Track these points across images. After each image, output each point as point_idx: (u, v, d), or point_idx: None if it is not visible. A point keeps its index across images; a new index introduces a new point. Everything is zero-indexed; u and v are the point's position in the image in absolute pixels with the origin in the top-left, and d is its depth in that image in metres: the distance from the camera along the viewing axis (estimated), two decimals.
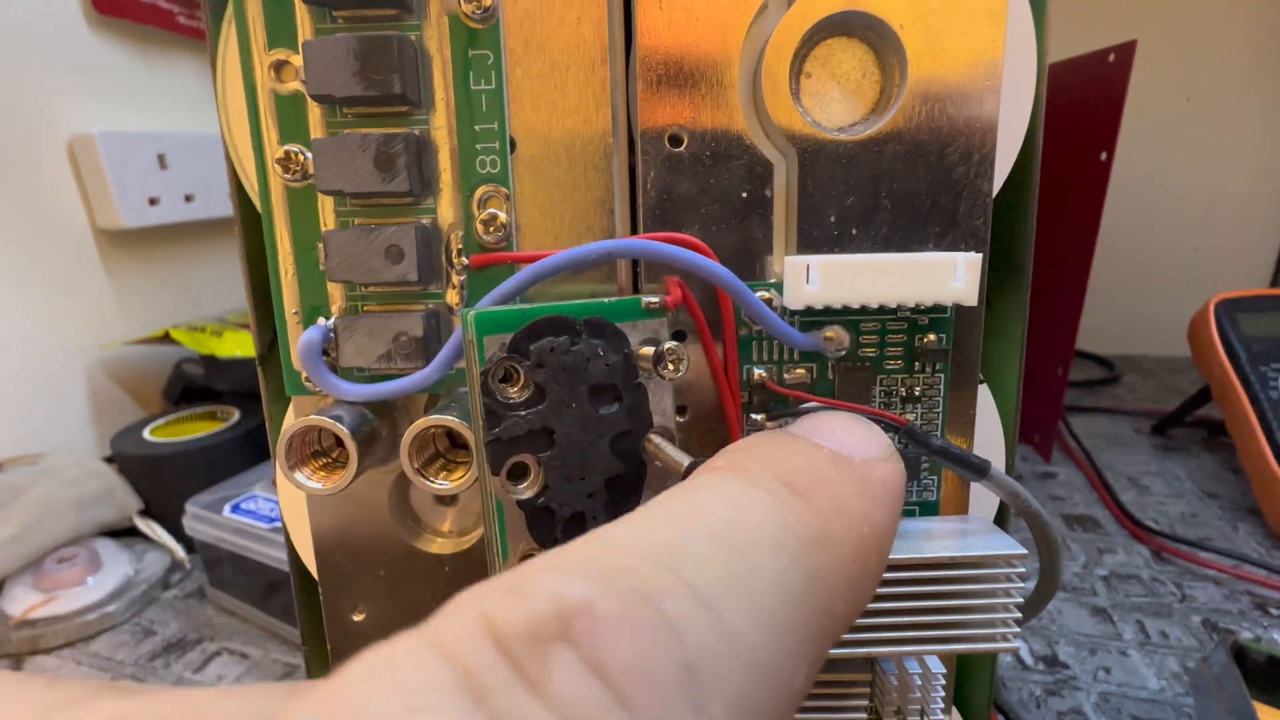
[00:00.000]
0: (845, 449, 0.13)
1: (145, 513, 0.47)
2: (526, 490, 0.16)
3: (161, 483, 0.46)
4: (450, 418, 0.17)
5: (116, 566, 0.43)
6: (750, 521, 0.11)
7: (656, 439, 0.17)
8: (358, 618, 0.22)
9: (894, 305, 0.19)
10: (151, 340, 0.53)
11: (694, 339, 0.20)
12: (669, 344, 0.17)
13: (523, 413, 0.15)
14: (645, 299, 0.17)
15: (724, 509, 0.11)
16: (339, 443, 0.18)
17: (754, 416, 0.20)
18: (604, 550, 0.10)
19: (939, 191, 0.19)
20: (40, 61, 0.50)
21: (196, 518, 0.40)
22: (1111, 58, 0.46)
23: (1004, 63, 0.18)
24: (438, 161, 0.19)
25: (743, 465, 0.13)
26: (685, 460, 0.16)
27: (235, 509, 0.39)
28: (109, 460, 0.48)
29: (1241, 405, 0.48)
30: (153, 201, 0.54)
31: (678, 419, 0.21)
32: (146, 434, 0.48)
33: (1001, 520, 0.22)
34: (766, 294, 0.20)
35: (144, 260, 0.58)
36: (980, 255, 0.18)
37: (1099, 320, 0.72)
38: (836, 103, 0.19)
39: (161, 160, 0.55)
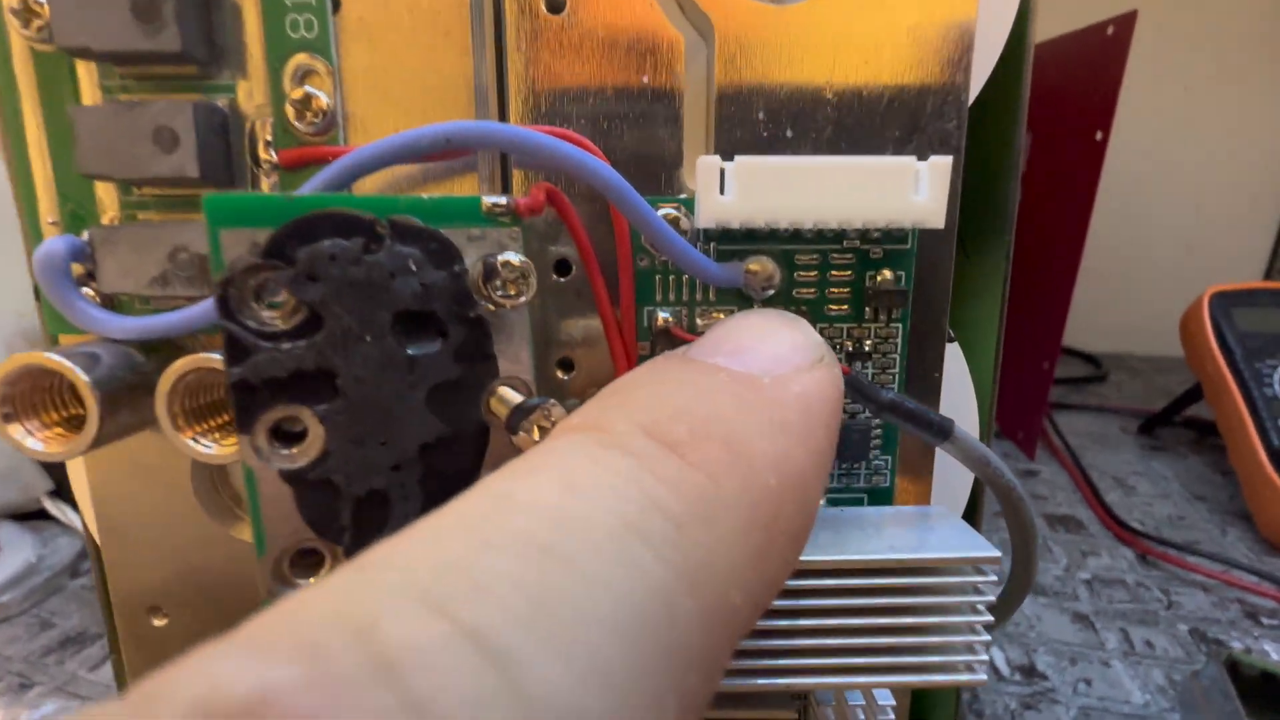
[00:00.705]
0: (756, 365, 0.10)
1: (56, 494, 0.42)
2: (295, 457, 0.11)
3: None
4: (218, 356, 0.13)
5: (16, 552, 0.38)
6: (590, 510, 0.08)
7: (505, 392, 0.13)
8: (158, 623, 0.18)
9: (836, 227, 0.14)
10: None
11: (581, 270, 0.15)
12: (505, 256, 0.12)
13: (285, 345, 0.11)
14: (488, 199, 0.12)
15: (556, 494, 0.08)
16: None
17: None
18: (336, 596, 0.07)
19: (899, 85, 0.15)
20: None
21: None
22: (1110, 30, 0.44)
23: None
24: (241, 23, 0.14)
25: (604, 419, 0.09)
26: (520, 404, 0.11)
27: None
28: None
29: (1234, 403, 0.47)
30: None
31: (560, 375, 0.16)
32: None
33: (973, 516, 0.18)
34: (673, 210, 0.15)
35: None
36: (950, 159, 0.13)
37: (1087, 316, 0.72)
38: None
39: None
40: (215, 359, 0.13)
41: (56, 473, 0.42)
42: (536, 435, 0.12)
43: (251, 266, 0.10)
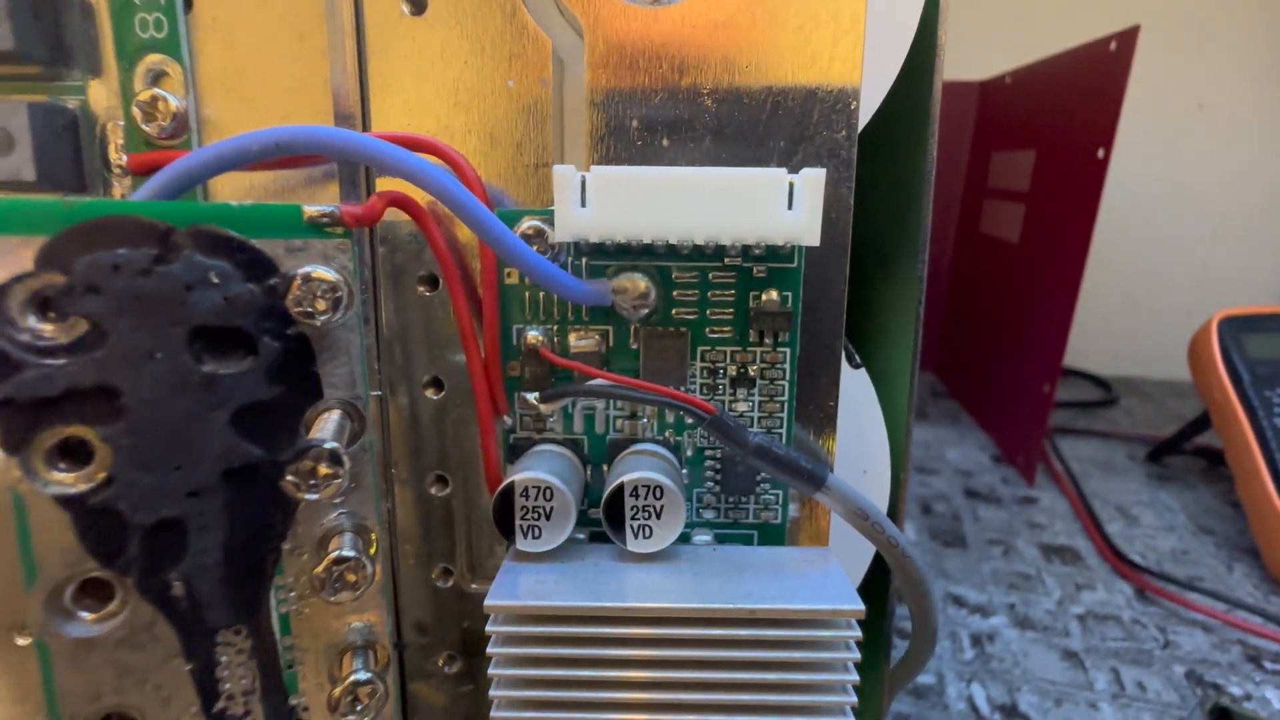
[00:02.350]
0: None
1: None
2: (73, 482, 0.10)
3: None
4: None
5: None
6: None
7: (330, 417, 0.12)
8: (22, 641, 0.17)
9: (703, 243, 0.13)
10: None
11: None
12: (309, 269, 0.11)
13: (59, 361, 0.10)
14: (310, 208, 0.11)
15: None
16: None
17: (526, 396, 0.15)
18: None
19: (784, 89, 0.14)
20: None
21: None
22: (1113, 46, 0.43)
23: None
24: (93, 22, 0.14)
25: None
26: (328, 439, 0.10)
27: None
28: None
29: (1242, 432, 0.45)
30: None
31: (430, 394, 0.15)
32: None
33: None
34: (539, 223, 0.14)
35: None
36: (823, 172, 0.12)
37: (1097, 338, 0.70)
38: None
39: None
40: None
41: None
42: (303, 491, 0.11)
43: (20, 276, 0.10)
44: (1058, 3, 0.69)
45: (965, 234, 0.64)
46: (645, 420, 0.15)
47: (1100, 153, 0.43)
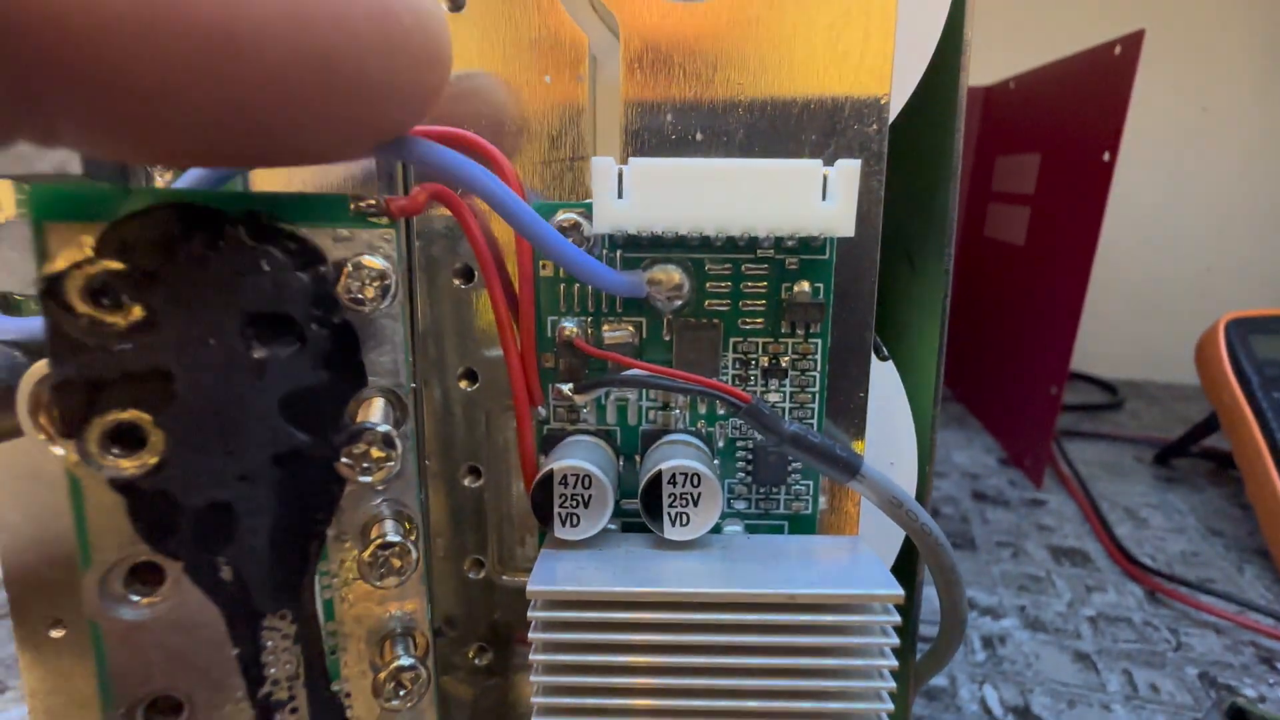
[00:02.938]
0: None
1: None
2: (128, 465, 0.10)
3: None
4: None
5: None
6: None
7: (374, 404, 0.12)
8: (56, 634, 0.17)
9: (739, 234, 0.13)
10: None
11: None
12: (360, 258, 0.11)
13: (116, 345, 0.10)
14: (356, 198, 0.12)
15: None
16: None
17: (561, 387, 0.15)
18: None
19: (816, 85, 0.14)
20: None
21: None
22: (1118, 50, 0.43)
23: None
24: None
25: None
26: (380, 423, 0.10)
27: None
28: None
29: (1251, 434, 0.45)
30: None
31: (465, 386, 0.16)
32: None
33: (913, 548, 0.17)
34: (575, 216, 0.14)
35: None
36: (858, 163, 0.12)
37: (1103, 342, 0.70)
38: None
39: None
40: None
41: None
42: (356, 474, 0.11)
43: (80, 262, 0.10)
44: (1061, 9, 0.70)
45: (970, 237, 0.65)
46: (678, 411, 0.15)
47: (1106, 156, 0.43)
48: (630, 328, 0.15)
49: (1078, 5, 0.69)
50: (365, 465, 0.11)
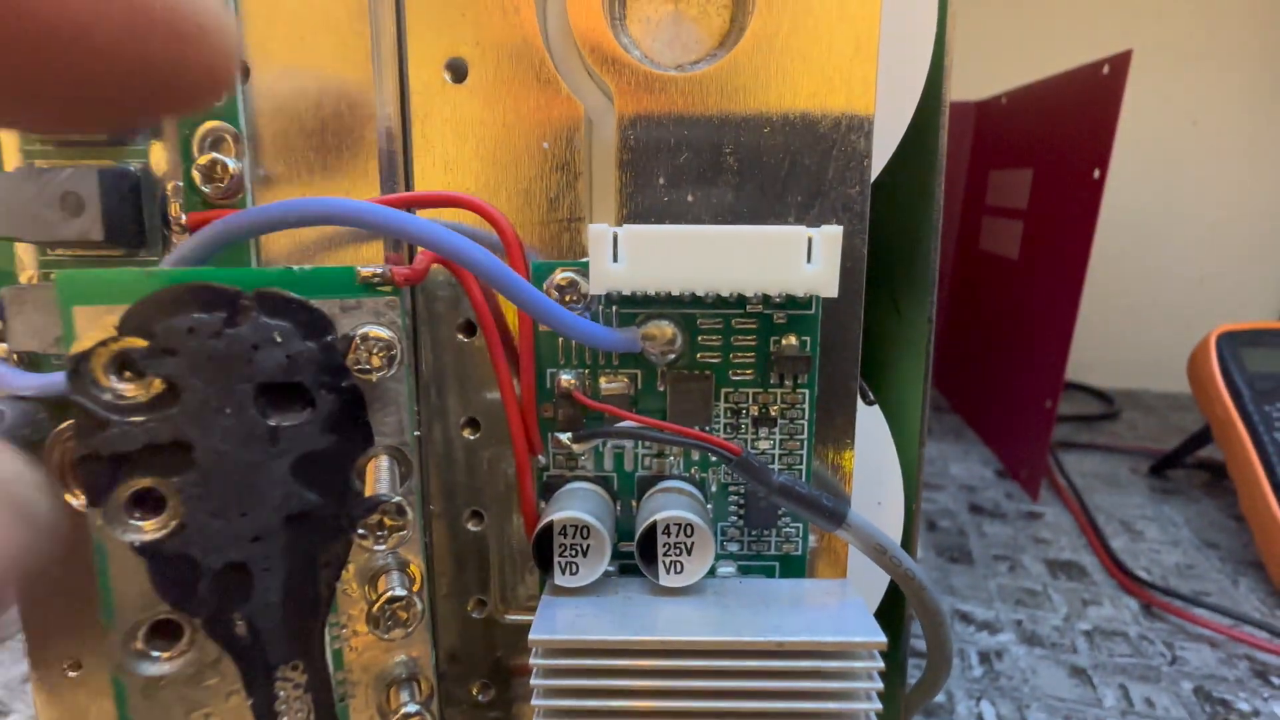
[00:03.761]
0: None
1: None
2: (150, 530, 0.11)
3: None
4: None
5: None
6: None
7: (380, 464, 0.13)
8: (73, 674, 0.18)
9: (728, 294, 0.14)
10: None
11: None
12: (366, 329, 0.12)
13: (139, 419, 0.11)
14: (363, 269, 0.12)
15: None
16: None
17: (560, 436, 0.15)
18: None
19: (801, 148, 0.14)
20: None
21: None
22: (1106, 69, 0.44)
23: None
24: None
25: None
26: (386, 491, 0.11)
27: None
28: None
29: (1244, 447, 0.45)
30: None
31: (468, 435, 0.16)
32: None
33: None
34: (572, 274, 0.15)
35: None
36: (839, 230, 0.13)
37: (1098, 352, 0.70)
38: (673, 33, 0.15)
39: None
40: None
41: None
42: (374, 543, 0.12)
43: (105, 341, 0.11)
44: (1052, 26, 0.70)
45: (964, 250, 0.65)
46: (672, 458, 0.16)
47: (1096, 173, 0.44)
48: (625, 379, 0.15)
49: (1069, 18, 0.69)
50: (379, 534, 0.12)
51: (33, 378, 0.15)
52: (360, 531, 0.12)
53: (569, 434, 0.15)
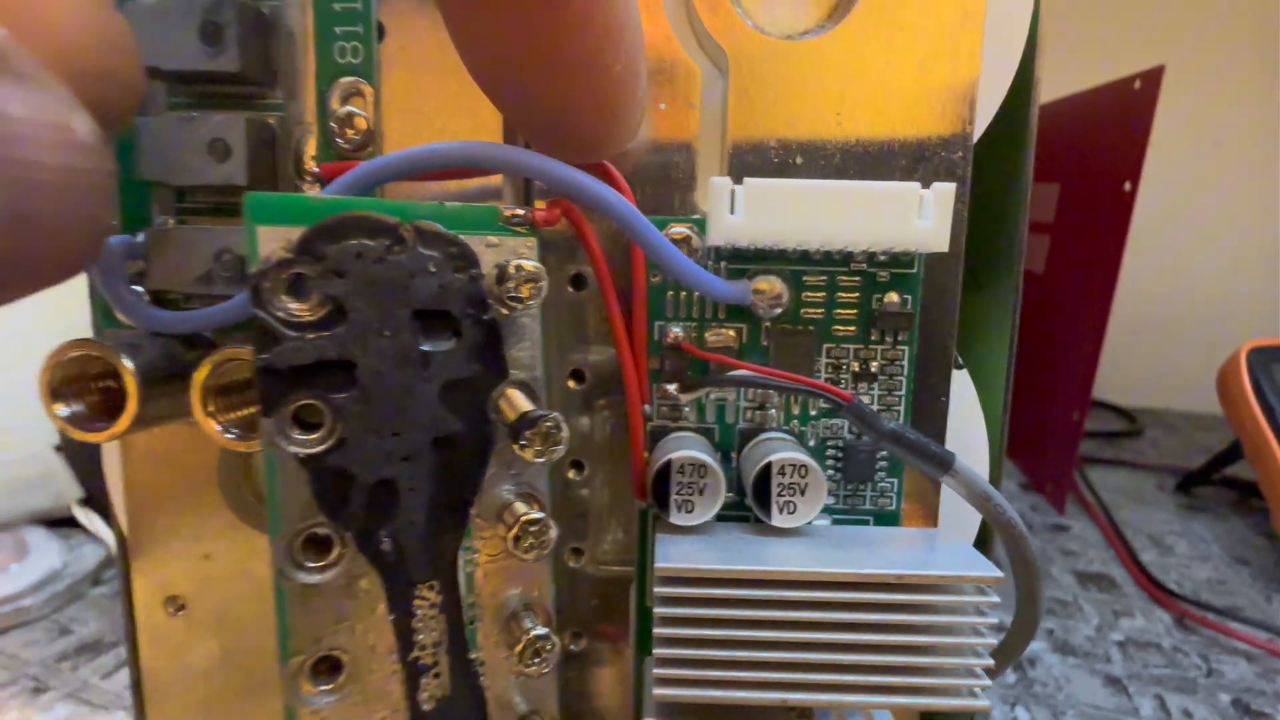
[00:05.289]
0: None
1: (87, 503, 0.43)
2: (313, 443, 0.12)
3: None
4: None
5: (43, 557, 0.39)
6: None
7: (513, 395, 0.13)
8: (175, 613, 0.18)
9: (842, 248, 0.14)
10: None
11: (596, 286, 0.16)
12: (519, 261, 0.12)
13: (310, 336, 0.11)
14: (505, 209, 0.13)
15: None
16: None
17: (666, 387, 0.16)
18: None
19: (907, 115, 0.15)
20: None
21: None
22: (1138, 84, 0.44)
23: None
24: (293, 48, 0.16)
25: None
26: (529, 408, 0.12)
27: None
28: (58, 449, 0.45)
29: (1276, 462, 0.45)
30: None
31: (572, 385, 0.17)
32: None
33: (984, 543, 0.18)
34: (685, 230, 0.15)
35: None
36: (953, 186, 0.14)
37: (1122, 370, 0.70)
38: (784, 3, 0.16)
39: None
40: (249, 351, 0.14)
41: (88, 482, 0.44)
42: (530, 455, 0.12)
43: (283, 261, 0.11)
44: (1080, 41, 0.71)
45: None
46: (774, 411, 0.16)
47: (1127, 185, 0.44)
48: (732, 332, 0.16)
49: (1096, 37, 0.70)
50: (538, 448, 0.12)
51: (171, 314, 0.15)
52: (524, 444, 0.12)
53: (676, 384, 0.16)
